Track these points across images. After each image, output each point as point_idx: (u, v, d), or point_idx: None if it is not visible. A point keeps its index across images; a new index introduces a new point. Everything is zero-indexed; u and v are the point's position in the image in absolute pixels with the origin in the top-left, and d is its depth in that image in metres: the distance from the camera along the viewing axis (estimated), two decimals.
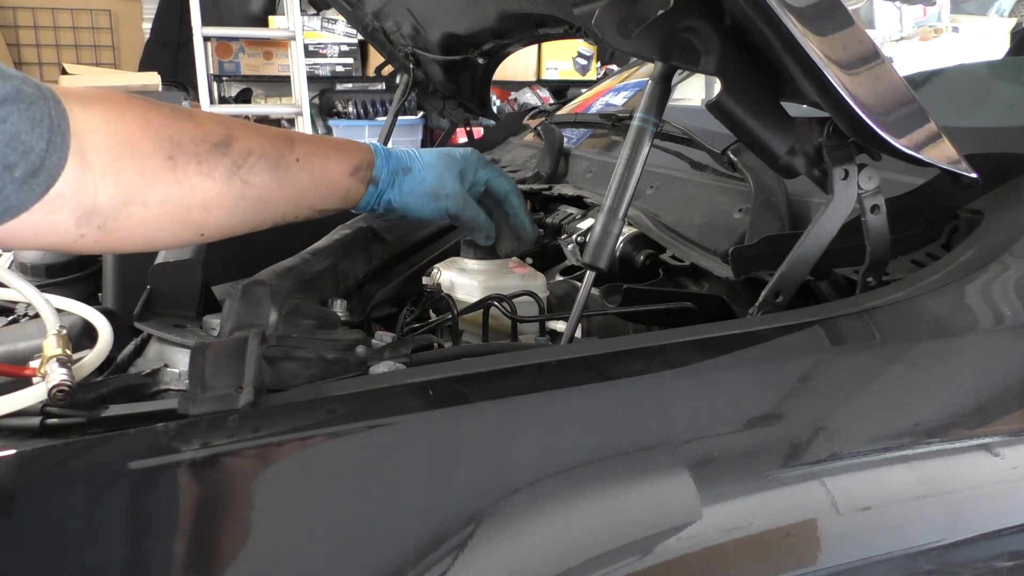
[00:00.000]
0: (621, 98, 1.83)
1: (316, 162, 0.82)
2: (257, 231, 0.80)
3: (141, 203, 0.67)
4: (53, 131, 0.60)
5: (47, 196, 0.61)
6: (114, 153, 0.65)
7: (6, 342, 0.84)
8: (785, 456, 0.61)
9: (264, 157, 0.76)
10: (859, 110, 0.63)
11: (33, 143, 0.58)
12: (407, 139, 4.57)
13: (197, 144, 0.71)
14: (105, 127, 0.65)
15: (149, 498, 0.53)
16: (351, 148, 0.88)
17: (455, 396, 0.61)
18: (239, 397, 0.55)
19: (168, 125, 0.69)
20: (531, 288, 0.91)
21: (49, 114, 0.60)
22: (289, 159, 0.78)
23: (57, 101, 0.61)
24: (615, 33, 0.68)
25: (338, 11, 1.73)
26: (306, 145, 0.81)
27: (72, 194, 0.63)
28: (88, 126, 0.64)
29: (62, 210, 0.63)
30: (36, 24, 4.77)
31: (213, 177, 0.71)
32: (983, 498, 0.64)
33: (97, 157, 0.64)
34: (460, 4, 1.39)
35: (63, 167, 0.61)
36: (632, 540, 0.55)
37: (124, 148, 0.66)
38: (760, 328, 0.68)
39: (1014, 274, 0.72)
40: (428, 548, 0.51)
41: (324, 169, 0.83)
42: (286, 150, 0.78)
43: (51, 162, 0.60)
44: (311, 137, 0.86)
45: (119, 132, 0.66)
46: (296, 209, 0.82)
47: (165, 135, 0.69)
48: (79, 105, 0.64)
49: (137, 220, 0.68)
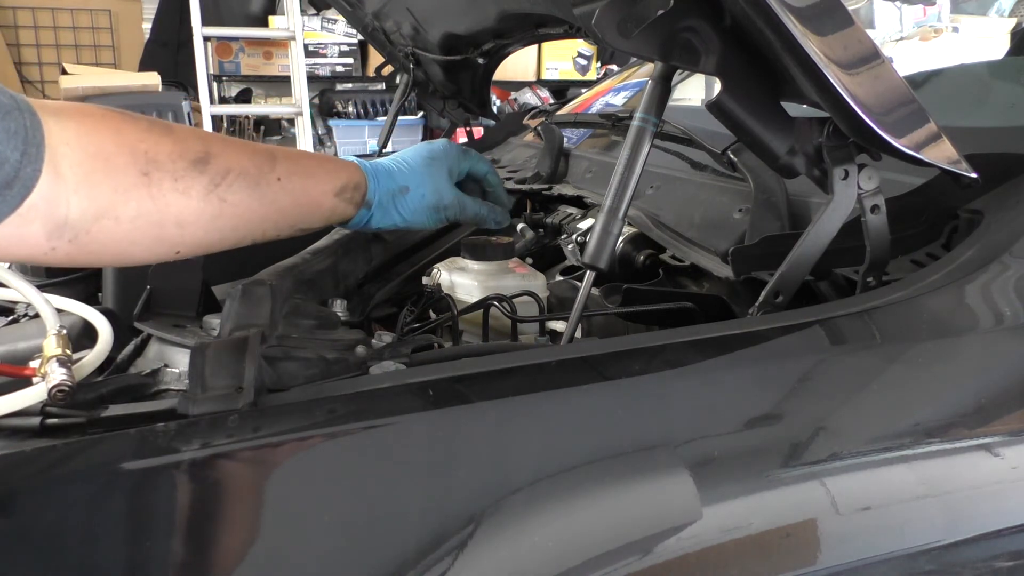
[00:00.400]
0: (621, 98, 1.83)
1: (298, 181, 0.80)
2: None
3: (114, 218, 0.66)
4: (28, 143, 0.59)
5: (20, 208, 0.60)
6: (87, 167, 0.64)
7: (6, 342, 0.84)
8: (785, 456, 0.61)
9: (243, 175, 0.74)
10: (859, 110, 0.63)
11: (7, 154, 0.57)
12: (407, 139, 4.57)
13: (174, 160, 0.69)
14: (79, 140, 0.64)
15: (149, 498, 0.53)
16: (336, 167, 0.86)
17: (455, 396, 0.61)
18: (239, 397, 0.55)
19: (144, 140, 0.68)
20: (531, 288, 0.91)
21: (24, 125, 0.59)
22: (270, 178, 0.77)
23: (32, 113, 0.60)
24: (615, 33, 0.68)
25: (338, 11, 1.73)
26: (288, 163, 0.80)
27: (45, 206, 0.62)
28: (62, 139, 0.63)
29: (35, 222, 0.62)
30: (36, 24, 4.78)
31: (189, 195, 0.70)
32: (983, 498, 0.64)
33: (70, 170, 0.63)
34: (460, 4, 1.39)
35: (37, 179, 0.60)
36: (632, 540, 0.55)
37: (97, 162, 0.65)
38: (760, 328, 0.68)
39: (1014, 274, 0.72)
40: (428, 548, 0.51)
41: (306, 189, 0.81)
42: (267, 168, 0.77)
43: (25, 174, 0.59)
44: (295, 154, 0.84)
45: (92, 146, 0.65)
46: (277, 228, 0.80)
47: (140, 150, 0.68)
48: (54, 118, 0.63)
49: (109, 235, 0.67)
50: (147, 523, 0.51)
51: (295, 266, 0.96)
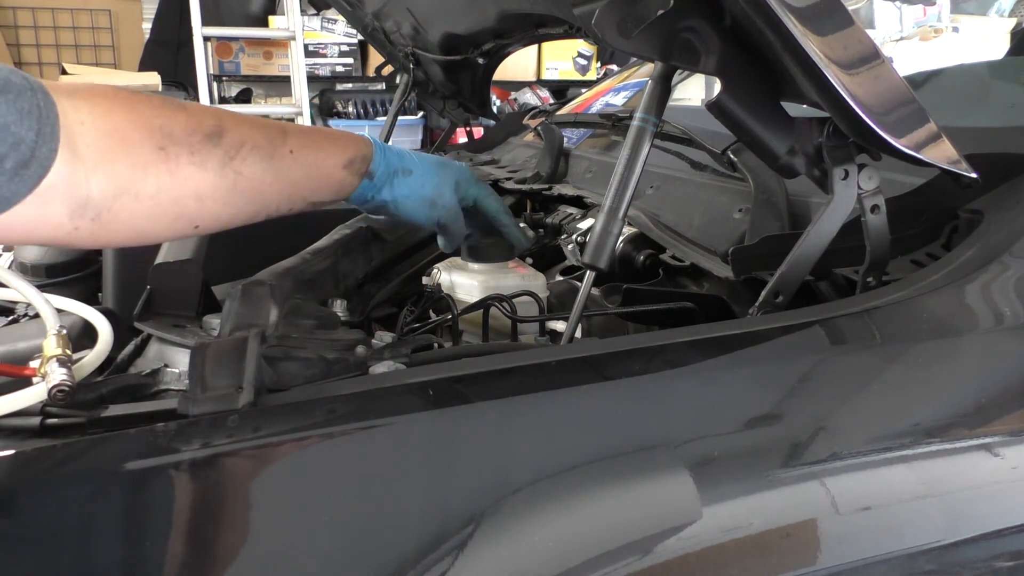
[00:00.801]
0: (621, 98, 1.83)
1: (310, 154, 0.81)
2: (256, 226, 0.80)
3: (134, 195, 0.67)
4: (42, 122, 0.59)
5: (39, 188, 0.60)
6: (104, 145, 0.65)
7: (6, 342, 0.84)
8: (785, 456, 0.61)
9: (257, 148, 0.75)
10: (859, 110, 0.63)
11: (23, 134, 0.58)
12: (407, 139, 4.57)
13: (189, 134, 0.70)
14: (93, 120, 0.64)
15: (149, 498, 0.53)
16: (346, 140, 0.87)
17: (455, 396, 0.61)
18: (239, 397, 0.55)
19: (158, 116, 0.69)
20: (531, 288, 0.91)
21: (38, 105, 0.59)
22: (283, 150, 0.78)
23: (45, 92, 0.61)
24: (615, 33, 0.68)
25: (338, 11, 1.74)
26: (300, 136, 0.81)
27: (64, 186, 0.62)
28: (77, 118, 0.63)
29: (55, 202, 0.62)
30: (36, 24, 4.77)
31: (205, 168, 0.71)
32: (983, 498, 0.64)
33: (88, 149, 0.64)
34: (460, 4, 1.39)
35: (54, 158, 0.61)
36: (632, 540, 0.55)
37: (114, 139, 0.65)
38: (760, 328, 0.68)
39: (1014, 274, 0.72)
40: (428, 548, 0.51)
41: (317, 161, 0.82)
42: (279, 141, 0.78)
43: (41, 153, 0.59)
44: (305, 128, 0.86)
45: (107, 124, 0.65)
46: (290, 201, 0.81)
47: (155, 126, 0.68)
48: (67, 98, 0.63)
49: (130, 212, 0.67)
50: (147, 523, 0.51)
51: (295, 266, 0.96)
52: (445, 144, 2.01)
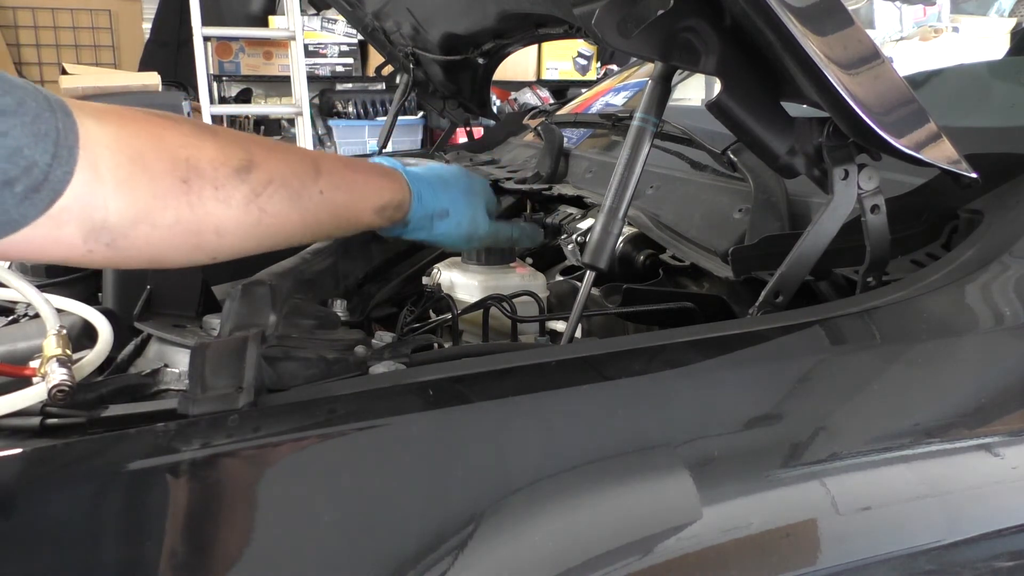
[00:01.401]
0: (621, 98, 1.83)
1: (340, 196, 0.79)
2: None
3: (151, 224, 0.65)
4: (59, 144, 0.58)
5: (52, 210, 0.59)
6: (127, 171, 0.63)
7: (6, 342, 0.84)
8: (785, 456, 0.61)
9: (285, 186, 0.73)
10: (859, 110, 0.63)
11: (36, 157, 0.56)
12: (407, 139, 4.57)
13: (216, 168, 0.68)
14: (118, 143, 0.63)
15: (149, 498, 0.52)
16: (381, 183, 0.85)
17: (455, 396, 0.61)
18: (239, 397, 0.55)
19: (185, 145, 0.67)
20: (531, 288, 0.91)
21: (56, 127, 0.58)
22: (312, 190, 0.76)
23: (67, 113, 0.59)
24: (615, 33, 0.68)
25: (338, 11, 1.74)
26: (332, 175, 0.78)
27: (79, 208, 0.61)
28: (102, 141, 0.62)
29: (69, 224, 0.61)
30: (36, 24, 4.77)
31: (229, 204, 0.69)
32: (983, 498, 0.64)
33: (109, 173, 0.62)
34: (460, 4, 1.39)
35: (68, 181, 0.59)
36: (632, 540, 0.55)
37: (136, 166, 0.64)
38: (760, 328, 0.68)
39: (1014, 274, 0.72)
40: (428, 548, 0.51)
41: (348, 204, 0.81)
42: (310, 180, 0.76)
43: (55, 176, 0.58)
44: (339, 164, 0.82)
45: (132, 149, 0.64)
46: (313, 236, 0.80)
47: (181, 156, 0.66)
48: (94, 120, 0.62)
49: (146, 240, 0.65)
50: (147, 523, 0.51)
51: (295, 266, 0.96)
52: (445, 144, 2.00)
